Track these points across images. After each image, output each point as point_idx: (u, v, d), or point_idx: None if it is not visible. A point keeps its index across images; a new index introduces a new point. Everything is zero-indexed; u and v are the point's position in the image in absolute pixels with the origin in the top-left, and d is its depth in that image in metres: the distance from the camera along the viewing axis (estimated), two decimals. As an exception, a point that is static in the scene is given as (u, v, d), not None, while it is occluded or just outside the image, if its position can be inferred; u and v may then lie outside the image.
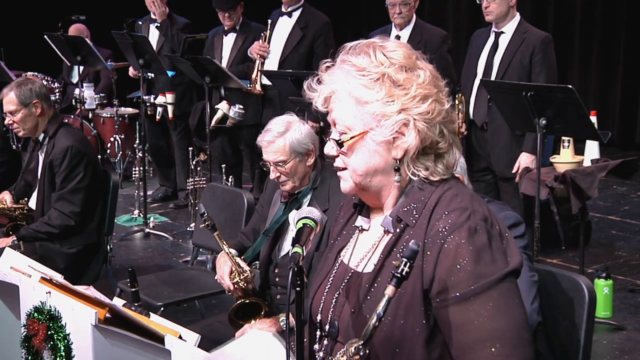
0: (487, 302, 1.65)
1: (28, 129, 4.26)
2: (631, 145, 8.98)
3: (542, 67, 4.87)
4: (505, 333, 1.65)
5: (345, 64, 1.77)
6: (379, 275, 1.76)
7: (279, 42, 5.91)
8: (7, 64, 6.87)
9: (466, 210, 1.70)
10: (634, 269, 5.36)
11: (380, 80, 1.73)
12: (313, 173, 3.20)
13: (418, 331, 1.69)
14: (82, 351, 2.05)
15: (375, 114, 1.73)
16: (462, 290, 1.65)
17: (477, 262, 1.65)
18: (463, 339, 1.66)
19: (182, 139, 7.03)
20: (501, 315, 1.65)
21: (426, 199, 1.76)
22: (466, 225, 1.68)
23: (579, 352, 1.93)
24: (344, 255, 1.90)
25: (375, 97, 1.73)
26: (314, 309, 1.89)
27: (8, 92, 4.19)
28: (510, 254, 1.70)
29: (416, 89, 1.73)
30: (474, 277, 1.65)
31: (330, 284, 1.88)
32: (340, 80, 1.76)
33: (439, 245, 1.68)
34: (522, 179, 4.76)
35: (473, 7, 5.66)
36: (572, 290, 1.95)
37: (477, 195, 1.82)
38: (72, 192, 4.16)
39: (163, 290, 3.96)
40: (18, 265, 2.39)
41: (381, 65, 1.74)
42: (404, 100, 1.73)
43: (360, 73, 1.74)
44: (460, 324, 1.66)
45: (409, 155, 1.76)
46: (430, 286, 1.69)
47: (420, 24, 5.50)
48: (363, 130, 1.75)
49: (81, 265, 4.29)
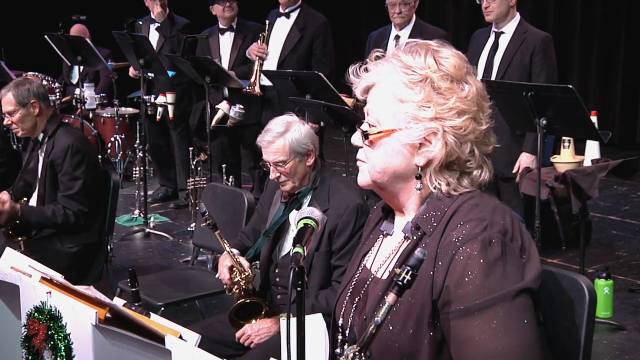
0: (491, 319, 1.59)
1: (27, 129, 4.26)
2: (631, 145, 8.99)
3: (542, 67, 4.87)
4: (508, 353, 1.58)
5: (394, 58, 1.74)
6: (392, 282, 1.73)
7: (277, 43, 5.91)
8: (7, 64, 6.87)
9: (483, 221, 1.65)
10: (634, 269, 5.36)
11: (422, 83, 1.70)
12: (313, 173, 3.21)
13: (426, 342, 1.65)
14: (82, 351, 2.05)
15: (407, 115, 1.71)
16: (467, 303, 1.60)
17: (486, 276, 1.60)
18: (465, 355, 1.61)
19: (182, 139, 7.03)
20: (505, 333, 1.58)
21: (446, 207, 1.72)
22: (480, 237, 1.63)
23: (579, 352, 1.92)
24: (367, 260, 1.88)
25: (413, 98, 1.70)
26: (337, 312, 1.88)
27: (6, 93, 4.20)
28: (529, 270, 1.64)
29: (455, 101, 1.69)
30: (481, 291, 1.60)
31: (352, 288, 1.86)
32: (385, 72, 1.74)
33: (450, 256, 1.64)
34: (522, 179, 4.76)
35: (473, 7, 5.66)
36: (572, 290, 1.94)
37: (504, 206, 1.75)
38: (80, 192, 4.18)
39: (163, 290, 3.96)
40: (18, 265, 2.39)
41: (428, 68, 1.70)
42: (439, 109, 1.69)
43: (405, 70, 1.71)
44: (462, 338, 1.61)
45: (433, 166, 1.72)
46: (439, 297, 1.65)
47: (419, 24, 5.50)
48: (392, 127, 1.72)
49: (83, 265, 4.29)
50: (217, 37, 6.32)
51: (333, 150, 8.29)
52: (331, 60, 5.96)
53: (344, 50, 10.02)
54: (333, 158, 8.25)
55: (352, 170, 6.17)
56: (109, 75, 7.93)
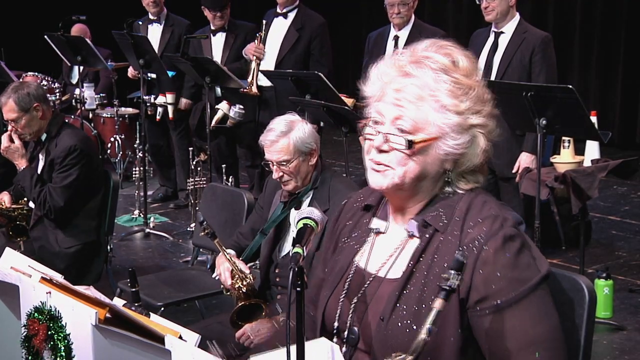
0: (528, 308, 1.66)
1: (34, 133, 4.22)
2: (631, 145, 8.99)
3: (542, 67, 4.87)
4: (547, 337, 1.67)
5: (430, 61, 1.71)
6: (409, 281, 1.72)
7: (274, 44, 5.90)
8: (7, 64, 6.87)
9: (498, 217, 1.70)
10: (634, 269, 5.36)
11: (467, 92, 1.71)
12: (314, 173, 3.20)
13: (453, 340, 1.67)
14: (82, 351, 2.05)
15: (452, 124, 1.70)
16: (503, 297, 1.65)
17: (515, 269, 1.66)
18: (505, 347, 1.66)
19: (182, 139, 7.03)
20: (541, 319, 1.67)
21: (455, 204, 1.74)
22: (501, 233, 1.67)
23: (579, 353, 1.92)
24: (360, 260, 1.86)
25: (459, 108, 1.70)
26: (329, 315, 1.85)
27: (6, 100, 4.11)
28: (539, 257, 1.71)
29: (490, 108, 1.76)
30: (515, 284, 1.65)
31: (346, 289, 1.83)
32: (427, 77, 1.70)
33: (476, 254, 1.67)
34: (522, 179, 4.76)
35: (473, 7, 5.66)
36: (572, 290, 1.94)
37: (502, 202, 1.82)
38: (63, 187, 4.14)
39: (163, 290, 3.96)
40: (18, 265, 2.39)
41: (472, 75, 1.73)
42: (481, 117, 1.73)
43: (449, 77, 1.70)
44: (502, 331, 1.65)
45: (461, 168, 1.75)
46: (467, 295, 1.67)
47: (419, 24, 5.50)
48: (436, 135, 1.71)
49: (82, 265, 4.29)
50: (209, 39, 6.31)
51: (333, 150, 8.29)
52: (329, 60, 5.96)
53: (343, 50, 10.03)
54: (333, 158, 8.25)
55: (351, 170, 6.17)
56: (108, 75, 7.93)
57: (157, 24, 6.86)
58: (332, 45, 6.07)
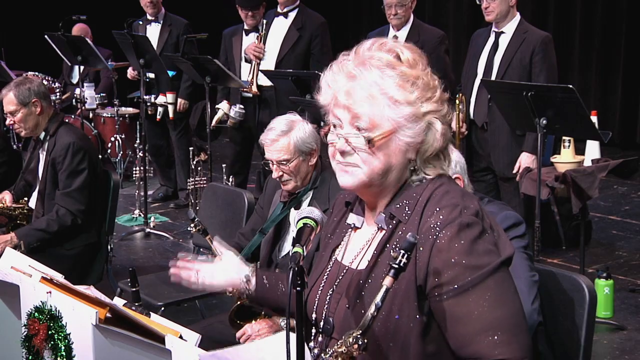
0: (485, 292, 1.68)
1: (29, 128, 4.26)
2: (632, 145, 8.99)
3: (543, 66, 4.86)
4: (505, 321, 1.68)
5: (375, 60, 1.78)
6: (373, 271, 1.77)
7: (275, 43, 5.89)
8: (7, 64, 6.88)
9: (457, 206, 1.73)
10: (634, 268, 5.36)
11: (413, 81, 1.75)
12: (314, 173, 3.20)
13: (412, 325, 1.71)
14: (82, 351, 2.06)
15: (406, 115, 1.74)
16: (459, 282, 1.68)
17: (470, 255, 1.68)
18: (464, 331, 1.69)
19: (181, 138, 7.03)
20: (500, 304, 1.68)
21: (418, 195, 1.78)
22: (457, 221, 1.70)
23: (579, 352, 1.93)
24: (338, 254, 1.92)
25: (408, 98, 1.74)
26: (309, 307, 1.90)
27: (7, 93, 4.19)
28: (502, 244, 1.74)
29: (440, 92, 1.78)
30: (470, 270, 1.68)
31: (324, 281, 1.89)
32: (374, 76, 1.76)
33: (432, 241, 1.70)
34: (522, 179, 4.76)
35: (473, 7, 5.66)
36: (572, 290, 1.95)
37: (468, 191, 1.86)
38: (79, 190, 4.16)
39: (163, 290, 3.96)
40: (19, 265, 2.39)
41: (416, 65, 1.77)
42: (432, 102, 1.76)
43: (395, 71, 1.75)
44: (460, 315, 1.69)
45: (424, 156, 1.78)
46: (424, 281, 1.71)
47: (417, 24, 5.49)
48: (393, 128, 1.75)
49: (84, 266, 4.29)
50: (240, 37, 6.05)
51: (333, 150, 8.27)
52: (329, 60, 5.90)
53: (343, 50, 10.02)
54: (333, 158, 8.24)
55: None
56: (109, 75, 7.94)
57: (155, 24, 6.86)
58: (332, 45, 6.06)
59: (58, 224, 4.12)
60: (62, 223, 4.13)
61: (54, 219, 4.13)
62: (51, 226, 4.12)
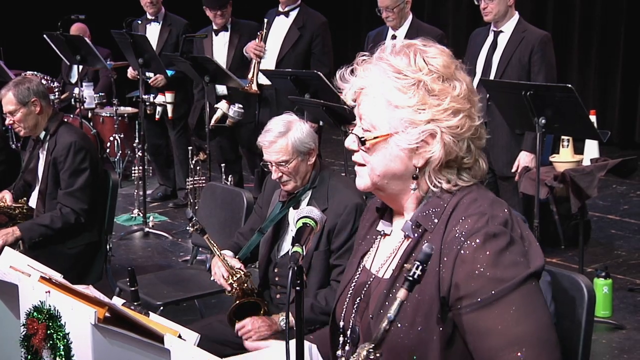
0: (510, 306, 1.62)
1: (29, 128, 4.26)
2: (630, 144, 9.00)
3: (541, 66, 4.86)
4: (531, 336, 1.62)
5: (383, 61, 1.74)
6: (397, 280, 1.73)
7: (275, 42, 5.90)
8: (6, 64, 6.88)
9: (484, 215, 1.67)
10: (633, 268, 5.37)
11: (415, 87, 1.70)
12: (313, 172, 3.20)
13: (435, 338, 1.66)
14: (81, 350, 2.05)
15: (403, 120, 1.71)
16: (483, 296, 1.62)
17: (495, 267, 1.62)
18: (488, 345, 1.64)
19: (180, 138, 7.03)
20: (525, 318, 1.62)
21: (445, 203, 1.73)
22: (484, 230, 1.64)
23: (578, 352, 1.93)
24: (367, 261, 1.89)
25: (407, 103, 1.70)
26: (337, 314, 1.88)
27: (6, 93, 4.20)
28: (533, 255, 1.67)
29: (450, 101, 1.70)
30: (494, 282, 1.62)
31: (352, 289, 1.86)
32: (375, 77, 1.73)
33: (456, 252, 1.65)
34: (521, 178, 4.76)
35: (473, 7, 5.65)
36: (571, 289, 1.94)
37: (500, 199, 1.78)
38: (81, 189, 4.18)
39: (162, 290, 3.96)
40: (17, 264, 2.39)
41: (419, 71, 1.71)
42: (435, 111, 1.70)
43: (396, 75, 1.71)
44: (484, 329, 1.64)
45: (432, 166, 1.73)
46: (447, 293, 1.66)
47: (416, 24, 5.49)
48: (388, 132, 1.72)
49: (83, 265, 4.29)
50: (210, 38, 6.30)
51: (332, 150, 8.29)
52: (330, 59, 5.95)
53: (343, 50, 10.03)
54: (332, 157, 8.25)
55: (350, 169, 6.16)
56: (108, 74, 7.94)
57: (155, 24, 6.86)
58: (333, 45, 6.07)
59: (62, 222, 4.14)
60: (66, 221, 4.15)
61: (58, 216, 4.14)
62: (55, 223, 4.14)
